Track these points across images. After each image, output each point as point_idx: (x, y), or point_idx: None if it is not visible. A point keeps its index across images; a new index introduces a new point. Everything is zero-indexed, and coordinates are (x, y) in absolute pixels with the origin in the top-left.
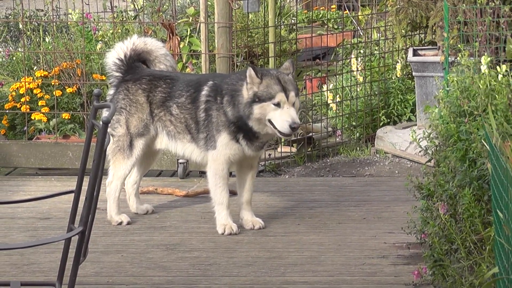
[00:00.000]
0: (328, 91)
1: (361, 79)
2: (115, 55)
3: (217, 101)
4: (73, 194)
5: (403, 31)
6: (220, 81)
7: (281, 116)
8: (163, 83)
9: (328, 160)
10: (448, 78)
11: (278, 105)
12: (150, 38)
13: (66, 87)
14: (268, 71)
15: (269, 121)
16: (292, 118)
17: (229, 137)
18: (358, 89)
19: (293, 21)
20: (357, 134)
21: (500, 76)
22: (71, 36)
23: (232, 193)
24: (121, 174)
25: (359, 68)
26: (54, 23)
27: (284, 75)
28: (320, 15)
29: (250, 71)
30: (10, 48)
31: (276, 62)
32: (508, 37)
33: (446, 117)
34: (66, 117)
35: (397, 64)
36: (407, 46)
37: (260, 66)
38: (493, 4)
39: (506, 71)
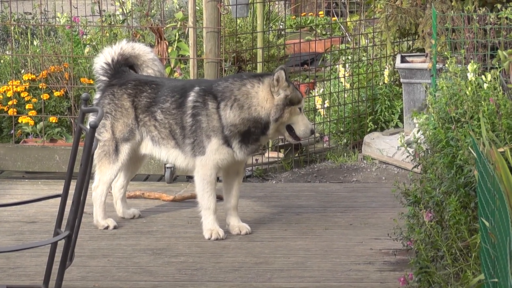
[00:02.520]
0: (317, 96)
1: (348, 85)
2: (102, 59)
3: (207, 106)
4: (59, 198)
5: (391, 37)
6: (208, 86)
7: (303, 121)
8: (148, 88)
9: (315, 166)
10: (438, 83)
11: (300, 109)
12: (138, 43)
13: (54, 90)
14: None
15: (288, 125)
16: (310, 123)
17: (219, 142)
18: (345, 95)
19: (281, 26)
20: (345, 140)
21: (486, 85)
22: (59, 39)
23: (219, 198)
24: (107, 179)
25: (347, 74)
26: (42, 27)
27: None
28: (308, 21)
29: (281, 74)
30: None
31: (264, 67)
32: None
33: (435, 122)
34: (54, 121)
35: (385, 70)
36: (395, 52)
37: (248, 71)
38: (480, 11)
39: (493, 78)
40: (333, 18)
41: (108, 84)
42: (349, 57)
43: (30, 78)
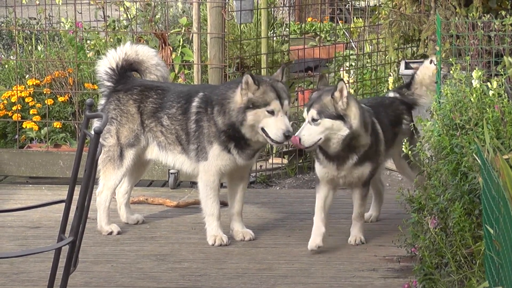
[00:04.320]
0: None
1: (352, 91)
2: (107, 64)
3: (208, 112)
4: (63, 204)
5: (395, 44)
6: (210, 92)
7: (275, 124)
8: (154, 93)
9: None
10: (442, 90)
11: (272, 112)
12: (142, 46)
13: (58, 96)
14: (264, 78)
15: (262, 129)
16: (286, 126)
17: (220, 148)
18: None
19: (285, 32)
20: None
21: (491, 92)
22: (63, 45)
23: (223, 204)
24: (111, 184)
25: (351, 81)
26: (47, 32)
27: (278, 83)
28: (314, 27)
29: (247, 78)
30: (2, 56)
31: (268, 73)
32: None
33: (439, 129)
34: (58, 126)
35: (389, 77)
36: (399, 59)
37: None
38: (485, 18)
39: (498, 85)
40: (340, 21)
41: (113, 89)
42: (353, 63)
43: (34, 83)
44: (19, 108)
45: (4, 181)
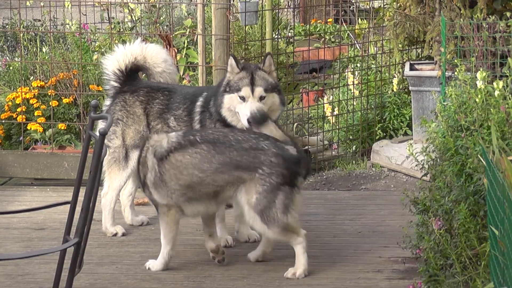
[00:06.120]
0: (327, 104)
1: (356, 93)
2: (115, 64)
3: (209, 109)
4: (68, 205)
5: (400, 45)
6: (213, 92)
7: (244, 110)
8: (160, 95)
9: (324, 174)
10: (447, 91)
11: (243, 98)
12: (152, 49)
13: (63, 97)
14: (249, 65)
15: (238, 113)
16: (251, 112)
17: None
18: (354, 103)
19: (290, 34)
20: (353, 147)
21: (496, 92)
22: (68, 46)
23: (228, 205)
24: (116, 186)
25: (355, 82)
26: (51, 33)
27: (258, 70)
28: (318, 29)
29: (231, 60)
30: (7, 57)
31: None
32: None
33: (444, 130)
34: (62, 128)
35: (394, 78)
36: (404, 60)
37: None
38: (490, 19)
39: (503, 86)
40: (345, 23)
41: (119, 90)
42: (358, 65)
43: (39, 85)
44: (23, 109)
45: (9, 183)
